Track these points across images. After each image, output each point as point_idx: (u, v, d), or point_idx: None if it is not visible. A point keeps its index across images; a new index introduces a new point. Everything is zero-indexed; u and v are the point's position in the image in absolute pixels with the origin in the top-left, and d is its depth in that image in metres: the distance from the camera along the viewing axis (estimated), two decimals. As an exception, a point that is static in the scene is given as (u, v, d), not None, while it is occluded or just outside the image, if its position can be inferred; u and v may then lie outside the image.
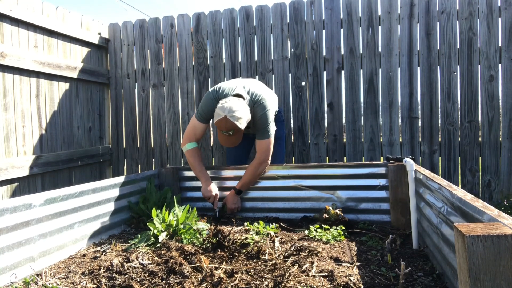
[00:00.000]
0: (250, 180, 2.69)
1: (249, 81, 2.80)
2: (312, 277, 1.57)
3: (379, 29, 3.39)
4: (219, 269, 1.69)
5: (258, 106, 2.60)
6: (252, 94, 2.63)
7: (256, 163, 2.64)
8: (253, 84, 2.74)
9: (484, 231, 0.93)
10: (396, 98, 3.38)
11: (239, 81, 2.76)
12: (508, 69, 3.15)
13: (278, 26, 3.56)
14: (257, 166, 2.64)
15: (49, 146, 3.18)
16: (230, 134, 2.44)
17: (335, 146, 3.50)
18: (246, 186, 2.71)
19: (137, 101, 3.93)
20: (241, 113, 2.41)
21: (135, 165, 3.93)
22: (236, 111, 2.39)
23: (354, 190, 2.57)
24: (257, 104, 2.60)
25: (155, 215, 2.21)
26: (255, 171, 2.65)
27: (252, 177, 2.68)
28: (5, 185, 2.76)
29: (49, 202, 1.97)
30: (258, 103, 2.61)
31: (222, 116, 2.38)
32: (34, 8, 3.05)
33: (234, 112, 2.39)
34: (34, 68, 2.97)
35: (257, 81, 2.97)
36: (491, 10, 3.17)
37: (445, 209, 1.54)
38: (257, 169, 2.65)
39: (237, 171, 2.81)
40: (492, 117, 3.19)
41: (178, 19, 3.79)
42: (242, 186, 2.70)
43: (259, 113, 2.59)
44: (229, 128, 2.40)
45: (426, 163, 3.33)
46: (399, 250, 1.96)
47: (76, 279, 1.71)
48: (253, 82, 2.84)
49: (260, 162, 2.64)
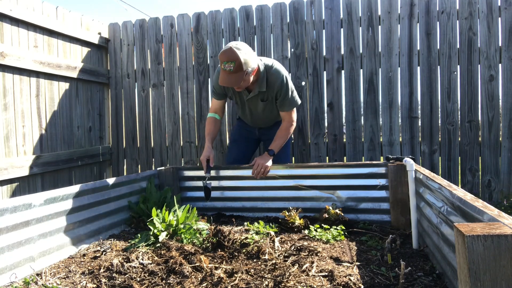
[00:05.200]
0: (283, 141, 2.76)
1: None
2: (312, 277, 1.57)
3: (379, 29, 3.39)
4: (219, 269, 1.69)
5: (272, 69, 2.62)
6: (264, 62, 2.64)
7: (285, 126, 2.75)
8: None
9: (484, 231, 0.93)
10: (396, 98, 3.38)
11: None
12: (508, 69, 3.15)
13: (278, 26, 3.56)
14: (288, 128, 2.75)
15: (49, 146, 3.18)
16: (231, 69, 2.37)
17: (335, 146, 3.50)
18: (278, 146, 2.75)
19: (137, 101, 3.93)
20: (247, 50, 2.42)
21: (135, 165, 3.93)
22: (242, 46, 2.41)
23: (354, 190, 2.57)
24: (270, 69, 2.62)
25: (155, 215, 2.21)
26: (286, 133, 2.75)
27: (285, 138, 2.76)
28: (5, 185, 2.76)
29: (49, 202, 1.97)
30: (271, 68, 2.62)
31: (228, 47, 2.39)
32: (34, 8, 3.05)
33: (239, 46, 2.40)
34: (34, 68, 2.97)
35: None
36: (491, 10, 3.17)
37: (445, 209, 1.54)
38: (287, 130, 2.75)
39: (236, 171, 2.81)
40: (492, 117, 3.19)
41: (178, 19, 3.79)
42: (275, 147, 2.73)
43: (276, 80, 2.61)
44: (230, 57, 2.35)
45: (426, 163, 3.33)
46: (399, 250, 1.96)
47: (76, 279, 1.71)
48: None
49: (289, 125, 2.75)
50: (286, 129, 2.75)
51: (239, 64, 2.35)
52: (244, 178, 2.78)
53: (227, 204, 2.82)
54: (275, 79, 2.61)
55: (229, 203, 2.82)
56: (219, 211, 2.82)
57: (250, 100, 2.76)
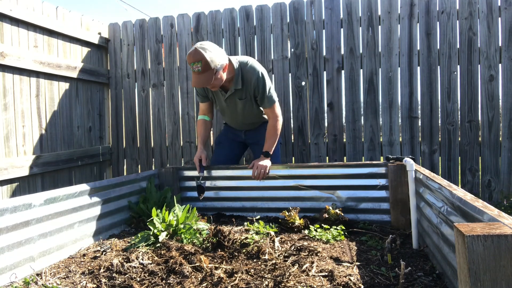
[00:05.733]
0: (275, 139, 2.74)
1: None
2: (312, 277, 1.57)
3: (379, 29, 3.39)
4: (219, 269, 1.69)
5: (247, 67, 2.60)
6: (239, 60, 2.64)
7: (272, 123, 2.71)
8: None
9: (484, 231, 0.93)
10: (396, 98, 3.38)
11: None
12: (508, 69, 3.15)
13: (278, 26, 3.56)
14: (274, 126, 2.72)
15: (49, 146, 3.18)
16: (199, 69, 2.37)
17: (335, 146, 3.50)
18: (272, 145, 2.74)
19: (137, 101, 3.93)
20: (212, 48, 2.40)
21: (135, 165, 3.93)
22: (207, 45, 2.40)
23: (354, 190, 2.57)
24: (245, 66, 2.60)
25: (155, 215, 2.21)
26: (274, 131, 2.72)
27: (275, 136, 2.73)
28: (5, 185, 2.76)
29: (49, 202, 1.97)
30: (246, 65, 2.60)
31: (193, 48, 2.40)
32: (34, 8, 3.05)
33: (204, 45, 2.40)
34: (34, 68, 2.97)
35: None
36: (491, 10, 3.17)
37: (445, 209, 1.54)
38: (275, 128, 2.72)
39: (236, 171, 2.81)
40: (492, 117, 3.19)
41: (178, 19, 3.79)
42: (269, 147, 2.72)
43: (252, 77, 2.59)
44: (196, 58, 2.36)
45: (426, 163, 3.33)
46: (399, 250, 1.96)
47: (76, 279, 1.71)
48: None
49: (274, 122, 2.71)
50: (273, 126, 2.72)
51: (206, 62, 2.36)
52: (244, 178, 2.78)
53: (227, 204, 2.82)
54: (250, 75, 2.60)
55: (229, 203, 2.82)
56: (219, 211, 2.82)
57: (228, 100, 2.73)
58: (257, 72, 2.61)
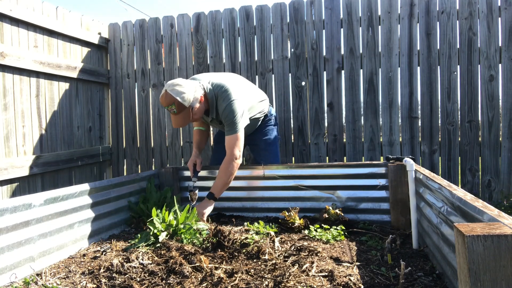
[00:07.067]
0: (222, 182, 2.47)
1: (224, 75, 2.71)
2: (312, 277, 1.57)
3: (379, 29, 3.39)
4: (219, 269, 1.69)
5: (220, 96, 2.46)
6: (214, 84, 2.50)
7: (224, 162, 2.47)
8: (225, 77, 2.62)
9: (484, 231, 0.93)
10: (396, 98, 3.38)
11: (213, 75, 2.68)
12: (508, 69, 3.15)
13: (278, 26, 3.56)
14: (226, 166, 2.45)
15: (49, 146, 3.18)
16: (174, 111, 2.35)
17: (335, 146, 3.50)
18: (218, 188, 2.49)
19: (137, 101, 3.93)
20: (184, 88, 2.33)
21: (135, 165, 3.93)
22: (178, 86, 2.34)
23: (354, 190, 2.57)
24: (220, 94, 2.47)
25: (155, 215, 2.21)
26: (224, 172, 2.46)
27: (223, 178, 2.47)
28: (5, 185, 2.76)
29: (49, 202, 1.97)
30: (220, 92, 2.46)
31: (163, 92, 2.36)
32: (34, 8, 3.05)
33: (175, 86, 2.34)
34: (34, 68, 2.97)
35: (237, 77, 2.81)
36: (491, 10, 3.17)
37: (445, 209, 1.54)
38: (226, 169, 2.45)
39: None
40: (492, 117, 3.19)
41: (178, 19, 3.79)
42: (214, 189, 2.49)
43: (222, 105, 2.45)
44: (168, 101, 2.34)
45: (426, 163, 3.33)
46: (399, 250, 1.96)
47: (76, 279, 1.71)
48: (229, 76, 2.74)
49: (228, 161, 2.45)
50: (225, 169, 2.44)
51: (179, 104, 2.33)
52: (244, 178, 2.78)
53: (227, 204, 2.82)
54: (221, 103, 2.46)
55: (229, 203, 2.82)
56: (219, 211, 2.82)
57: (213, 123, 2.73)
58: (229, 101, 2.45)
